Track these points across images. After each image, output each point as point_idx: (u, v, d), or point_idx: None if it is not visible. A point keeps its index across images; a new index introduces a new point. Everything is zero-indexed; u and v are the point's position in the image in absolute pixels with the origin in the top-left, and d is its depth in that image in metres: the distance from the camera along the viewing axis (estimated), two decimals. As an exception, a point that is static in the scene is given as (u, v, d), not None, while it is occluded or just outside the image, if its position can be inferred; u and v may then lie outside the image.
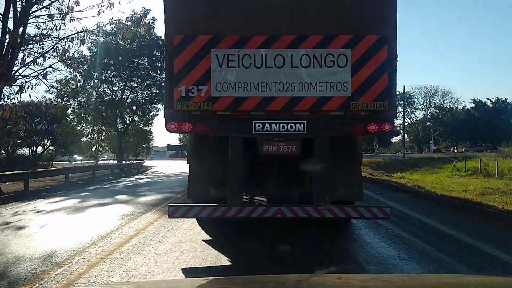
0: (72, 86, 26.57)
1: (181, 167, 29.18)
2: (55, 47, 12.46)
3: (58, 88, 24.38)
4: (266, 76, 4.73)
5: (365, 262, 4.82)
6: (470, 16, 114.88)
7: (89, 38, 15.80)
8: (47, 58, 12.96)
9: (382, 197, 10.65)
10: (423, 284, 1.69)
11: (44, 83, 14.82)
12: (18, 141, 31.71)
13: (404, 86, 70.99)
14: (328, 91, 4.71)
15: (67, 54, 12.64)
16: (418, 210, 8.48)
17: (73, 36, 12.53)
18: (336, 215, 4.85)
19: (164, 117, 4.93)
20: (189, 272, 4.39)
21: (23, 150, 34.58)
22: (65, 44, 12.50)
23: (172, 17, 4.92)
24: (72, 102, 29.48)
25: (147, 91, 31.61)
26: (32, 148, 34.78)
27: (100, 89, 29.51)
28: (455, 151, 68.19)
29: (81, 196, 12.42)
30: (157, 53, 29.95)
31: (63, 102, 28.77)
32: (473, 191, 11.43)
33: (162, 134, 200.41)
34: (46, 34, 12.14)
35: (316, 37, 4.74)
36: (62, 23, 12.33)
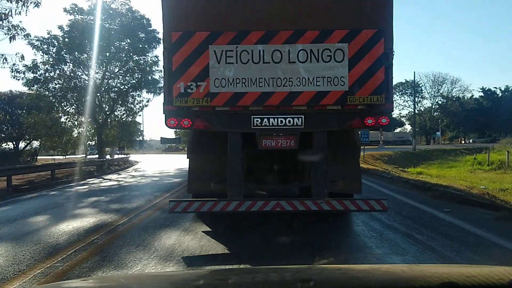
0: (40, 71, 26.20)
1: (168, 163, 26.76)
2: None
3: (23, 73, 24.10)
4: (264, 72, 5.20)
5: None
6: (481, 4, 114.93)
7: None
8: None
9: (460, 221, 6.91)
10: (422, 274, 1.76)
11: None
12: (3, 135, 31.24)
13: (414, 72, 71.87)
14: (326, 85, 5.19)
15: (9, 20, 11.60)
16: None
17: None
18: (334, 208, 5.37)
19: (163, 113, 5.41)
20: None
21: (8, 145, 33.88)
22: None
23: (170, 14, 5.37)
24: (41, 90, 27.97)
25: (129, 77, 30.30)
26: (14, 142, 34.01)
27: (75, 74, 28.60)
28: (462, 142, 68.96)
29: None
30: (141, 35, 28.89)
31: (30, 89, 27.85)
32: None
33: (156, 127, 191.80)
34: None
35: (313, 32, 5.19)
36: None
